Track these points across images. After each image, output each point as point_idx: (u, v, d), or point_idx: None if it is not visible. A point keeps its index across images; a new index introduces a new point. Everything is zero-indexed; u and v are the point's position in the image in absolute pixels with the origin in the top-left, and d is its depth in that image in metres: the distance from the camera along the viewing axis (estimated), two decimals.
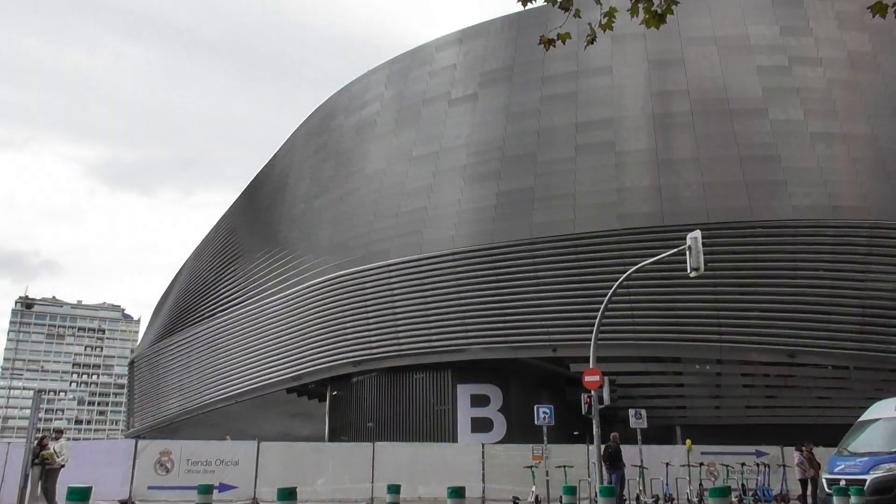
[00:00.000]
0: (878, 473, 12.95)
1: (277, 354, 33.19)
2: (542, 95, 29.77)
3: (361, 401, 31.50)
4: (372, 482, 19.85)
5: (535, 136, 29.02)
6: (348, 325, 30.49)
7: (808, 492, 18.01)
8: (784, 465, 21.58)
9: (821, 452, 19.70)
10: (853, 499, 11.84)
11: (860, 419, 15.57)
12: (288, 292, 33.47)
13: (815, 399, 26.20)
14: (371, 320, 29.75)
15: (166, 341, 42.80)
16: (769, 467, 21.56)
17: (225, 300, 38.39)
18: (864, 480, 12.87)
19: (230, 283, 38.77)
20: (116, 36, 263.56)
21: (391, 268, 29.49)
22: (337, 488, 20.13)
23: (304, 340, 32.12)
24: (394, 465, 20.18)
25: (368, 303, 29.89)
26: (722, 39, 28.97)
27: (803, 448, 19.75)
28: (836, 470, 13.96)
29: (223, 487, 18.51)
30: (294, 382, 32.93)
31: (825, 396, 26.21)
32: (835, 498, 12.55)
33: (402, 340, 28.95)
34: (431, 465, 21.09)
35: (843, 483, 13.18)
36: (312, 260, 33.02)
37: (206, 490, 10.90)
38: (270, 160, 43.14)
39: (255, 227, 40.34)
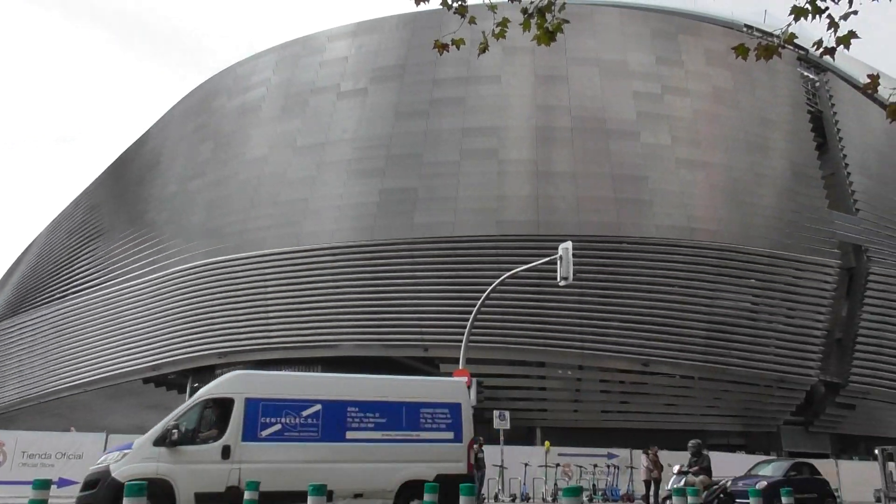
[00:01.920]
0: (95, 466, 11.18)
1: (136, 342, 31.38)
2: (432, 97, 30.07)
3: None
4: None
5: (422, 137, 29.24)
6: (216, 314, 29.35)
7: (651, 492, 19.24)
8: (631, 467, 22.97)
9: (665, 455, 21.12)
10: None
11: None
12: (152, 276, 31.75)
13: (664, 406, 28.11)
14: (241, 311, 28.80)
15: (7, 322, 39.28)
16: (618, 468, 22.89)
17: (80, 280, 35.82)
18: None
19: (87, 263, 36.22)
20: None
21: (266, 258, 28.70)
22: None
23: (166, 328, 30.57)
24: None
25: (239, 293, 28.92)
26: (604, 63, 30.49)
27: (649, 451, 21.06)
28: None
29: (63, 482, 17.19)
30: (152, 372, 31.25)
31: (672, 403, 28.17)
32: None
33: (272, 333, 28.24)
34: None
35: None
36: (181, 244, 31.51)
37: (42, 485, 9.91)
38: (142, 135, 40.72)
39: (121, 205, 37.92)
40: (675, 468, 14.62)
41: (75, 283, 36.02)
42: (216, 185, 32.53)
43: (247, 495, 9.77)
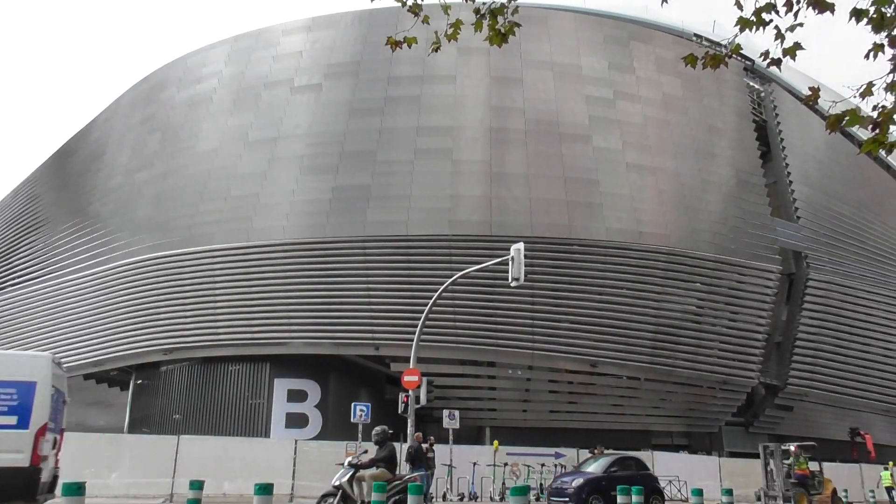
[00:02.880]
0: None
1: (77, 336, 30.42)
2: (387, 95, 29.93)
3: (170, 391, 29.73)
4: (174, 477, 18.81)
5: (376, 135, 29.09)
6: (162, 309, 28.66)
7: None
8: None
9: None
10: None
11: None
12: (95, 270, 30.82)
13: (610, 406, 28.59)
14: (188, 307, 28.20)
15: None
16: (565, 468, 23.19)
17: (18, 272, 34.55)
18: None
19: (27, 255, 34.96)
20: None
21: (215, 253, 28.15)
22: (133, 483, 18.86)
23: (109, 323, 29.71)
24: (199, 460, 19.27)
25: (187, 288, 28.30)
26: (557, 66, 30.82)
27: (595, 451, 21.41)
28: None
29: None
30: (94, 368, 30.35)
31: (619, 404, 28.68)
32: None
33: (220, 330, 27.72)
34: (240, 460, 20.40)
35: None
36: (127, 237, 30.67)
37: None
38: (88, 125, 39.47)
39: (63, 195, 36.71)
40: (347, 460, 11.99)
41: (14, 275, 34.73)
42: (164, 178, 31.77)
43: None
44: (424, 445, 18.88)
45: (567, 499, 16.11)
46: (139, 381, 31.17)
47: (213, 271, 28.09)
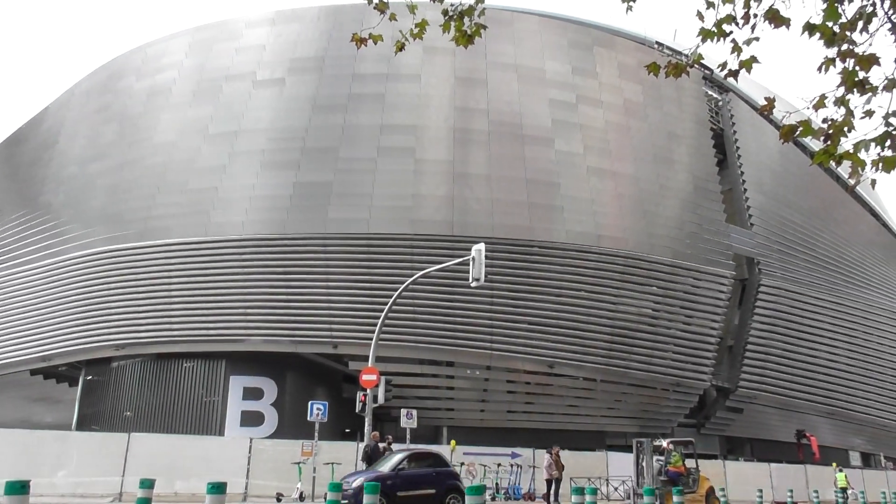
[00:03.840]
0: None
1: (24, 330, 29.53)
2: (351, 92, 29.74)
3: (121, 387, 29.06)
4: (123, 476, 18.40)
5: (339, 132, 28.88)
6: (114, 304, 27.99)
7: (552, 490, 19.71)
8: (534, 466, 23.49)
9: (566, 455, 21.73)
10: None
11: None
12: (45, 262, 29.96)
13: (566, 407, 28.91)
14: (142, 301, 27.60)
15: None
16: (521, 468, 23.36)
17: None
18: None
19: None
20: None
21: (171, 247, 27.62)
22: (80, 482, 18.37)
23: (59, 317, 28.91)
24: (150, 459, 18.86)
25: (141, 282, 27.70)
26: (522, 69, 31.02)
27: (552, 451, 21.59)
28: None
29: None
30: (41, 363, 29.51)
31: (574, 405, 29.00)
32: None
33: (174, 326, 27.20)
34: (192, 459, 20.04)
35: None
36: (79, 230, 29.87)
37: None
38: (40, 112, 38.30)
39: (12, 185, 35.59)
40: None
41: None
42: (119, 169, 31.01)
43: None
44: (381, 445, 18.79)
45: (346, 501, 14.47)
46: (89, 377, 30.39)
47: (169, 266, 27.55)
